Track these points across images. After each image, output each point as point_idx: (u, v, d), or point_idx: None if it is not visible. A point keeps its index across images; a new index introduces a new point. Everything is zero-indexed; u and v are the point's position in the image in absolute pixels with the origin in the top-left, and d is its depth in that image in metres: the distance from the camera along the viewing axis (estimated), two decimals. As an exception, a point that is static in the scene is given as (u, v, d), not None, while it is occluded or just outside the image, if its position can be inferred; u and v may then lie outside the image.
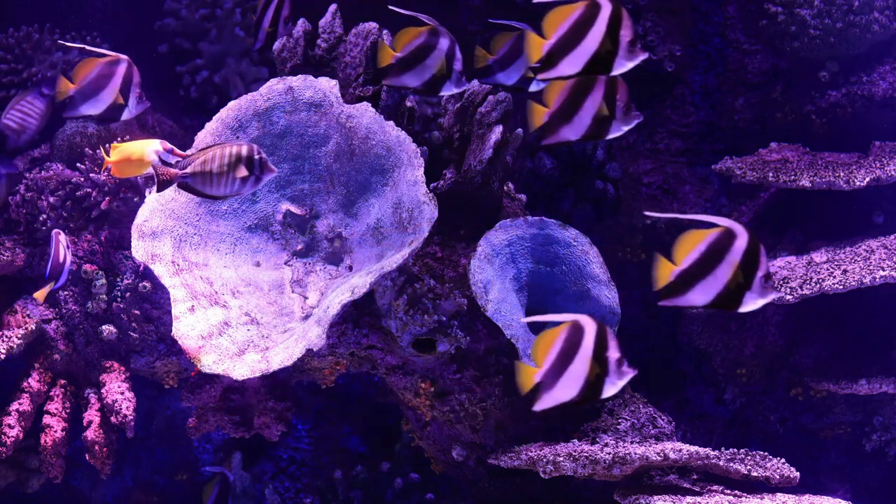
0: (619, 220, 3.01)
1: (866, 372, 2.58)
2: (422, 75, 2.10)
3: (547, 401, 1.71)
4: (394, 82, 2.11)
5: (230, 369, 2.14)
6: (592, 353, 1.69)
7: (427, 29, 2.10)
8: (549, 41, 1.83)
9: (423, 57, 2.10)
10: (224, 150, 2.01)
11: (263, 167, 2.03)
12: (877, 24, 2.82)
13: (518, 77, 2.15)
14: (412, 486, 2.61)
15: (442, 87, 2.12)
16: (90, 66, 2.18)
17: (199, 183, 2.03)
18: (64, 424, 2.53)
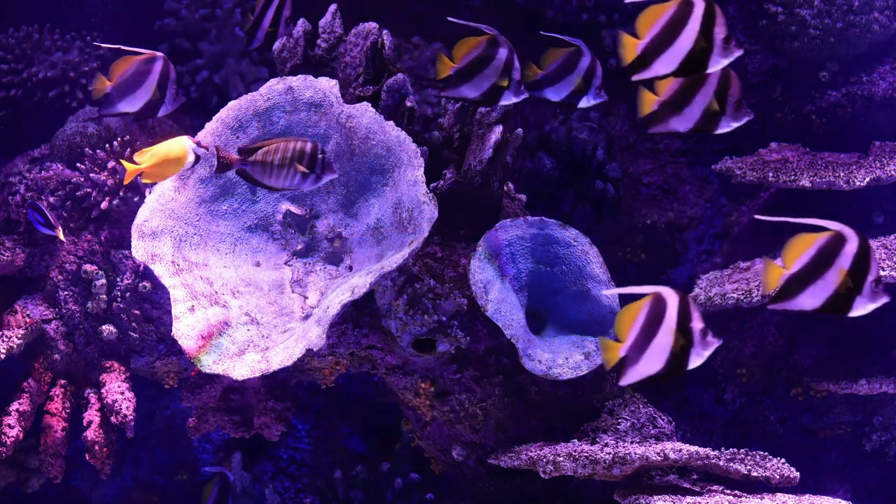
0: (619, 220, 3.01)
1: (866, 372, 2.58)
2: (480, 86, 2.10)
3: (633, 375, 1.70)
4: (452, 94, 2.11)
5: (230, 369, 2.14)
6: (676, 325, 1.67)
7: (486, 39, 2.09)
8: (643, 41, 1.82)
9: (482, 67, 2.09)
10: (289, 144, 2.03)
11: (325, 167, 2.05)
12: (877, 24, 2.82)
13: (567, 93, 2.15)
14: (412, 486, 2.61)
15: (501, 97, 2.11)
16: (127, 63, 2.20)
17: (258, 172, 2.05)
18: (64, 424, 2.53)
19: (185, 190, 2.33)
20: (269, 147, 2.04)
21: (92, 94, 2.25)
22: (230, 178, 2.35)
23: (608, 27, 3.00)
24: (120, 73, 2.20)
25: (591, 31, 3.06)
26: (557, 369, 2.29)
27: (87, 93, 2.88)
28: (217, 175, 2.33)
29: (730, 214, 3.06)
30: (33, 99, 2.86)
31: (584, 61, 2.13)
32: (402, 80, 2.37)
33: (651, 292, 1.69)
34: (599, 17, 2.99)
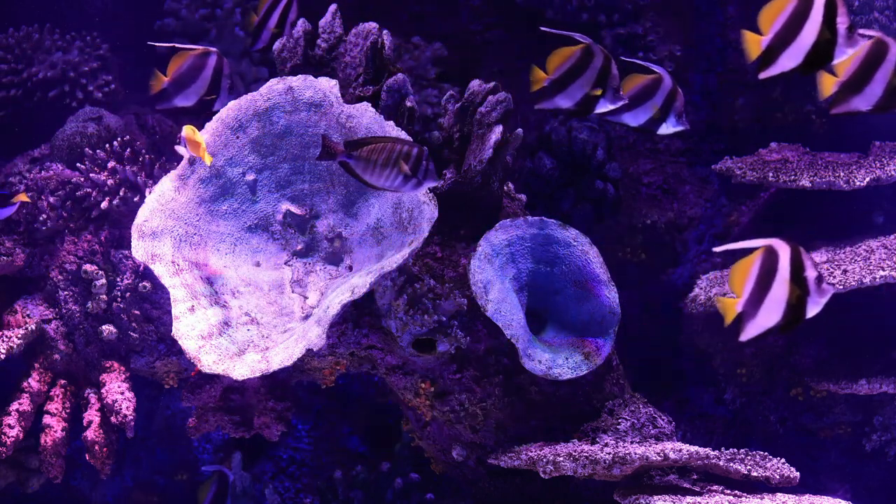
0: (619, 220, 3.01)
1: (866, 372, 2.58)
2: (574, 95, 2.11)
3: (752, 329, 1.70)
4: (546, 105, 2.12)
5: (230, 369, 2.14)
6: (790, 275, 1.67)
7: (580, 48, 2.09)
8: (767, 37, 1.83)
9: (576, 76, 2.09)
10: (395, 145, 2.05)
11: (427, 174, 2.06)
12: (877, 25, 2.82)
13: (646, 119, 2.16)
14: (412, 486, 2.61)
15: (596, 106, 2.11)
16: (182, 59, 2.27)
17: (361, 168, 2.07)
18: (64, 424, 2.53)
19: (185, 190, 2.33)
20: (376, 145, 2.05)
21: (150, 90, 2.30)
22: (230, 178, 2.35)
23: (608, 27, 3.01)
24: (175, 69, 2.27)
25: (590, 31, 3.06)
26: (557, 369, 2.29)
27: (87, 93, 2.88)
28: (217, 176, 2.33)
29: (730, 214, 3.06)
30: (33, 99, 2.86)
31: (665, 88, 2.15)
32: (402, 80, 2.37)
33: (762, 245, 1.68)
34: (599, 17, 2.99)
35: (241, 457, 2.76)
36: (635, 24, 3.00)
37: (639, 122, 2.17)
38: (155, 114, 2.91)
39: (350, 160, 2.06)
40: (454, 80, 3.04)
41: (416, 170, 2.05)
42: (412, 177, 2.05)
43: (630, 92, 2.16)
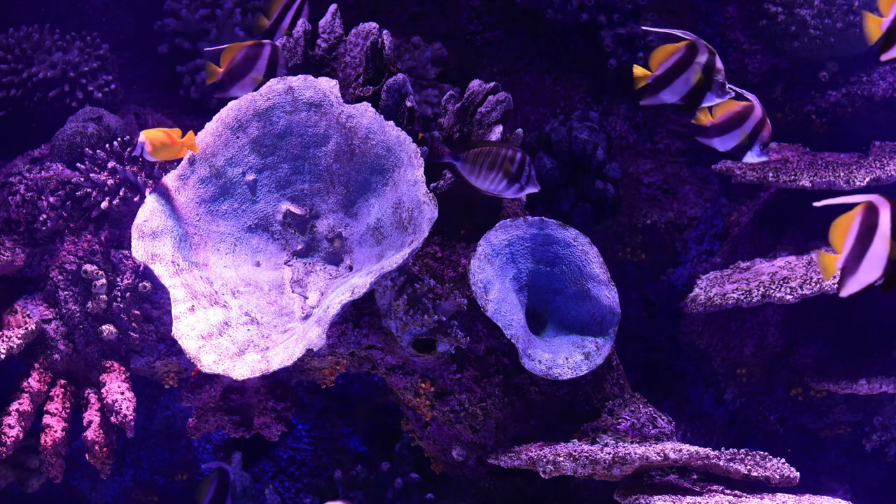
0: (619, 220, 3.01)
1: (866, 372, 2.58)
2: (681, 90, 2.13)
3: (852, 285, 1.70)
4: (651, 101, 2.14)
5: (230, 369, 2.14)
6: (891, 231, 1.67)
7: (685, 44, 2.11)
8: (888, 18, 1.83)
9: (681, 72, 2.11)
10: (500, 149, 2.10)
11: (530, 180, 2.11)
12: (877, 24, 2.81)
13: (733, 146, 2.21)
14: (412, 486, 2.61)
15: (703, 100, 2.13)
16: (236, 49, 2.32)
17: (467, 170, 2.11)
18: (64, 424, 2.53)
19: (185, 190, 2.33)
20: (481, 149, 2.10)
21: (206, 81, 2.33)
22: (230, 178, 2.35)
23: (608, 27, 3.01)
24: (230, 59, 2.31)
25: (590, 31, 3.06)
26: (557, 369, 2.29)
27: (87, 93, 2.88)
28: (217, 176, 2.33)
29: (730, 214, 3.06)
30: (33, 99, 2.86)
31: (755, 117, 2.18)
32: (402, 80, 2.37)
33: (862, 201, 1.68)
34: (599, 18, 2.99)
35: (241, 457, 2.76)
36: (635, 25, 3.00)
37: (726, 148, 2.21)
38: (155, 113, 2.91)
39: (457, 162, 2.11)
40: (454, 80, 3.04)
41: (520, 175, 2.10)
42: (515, 181, 2.10)
43: (721, 117, 2.19)
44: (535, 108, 3.12)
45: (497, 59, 3.15)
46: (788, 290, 2.47)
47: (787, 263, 2.64)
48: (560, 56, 3.13)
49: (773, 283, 2.51)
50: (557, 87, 3.13)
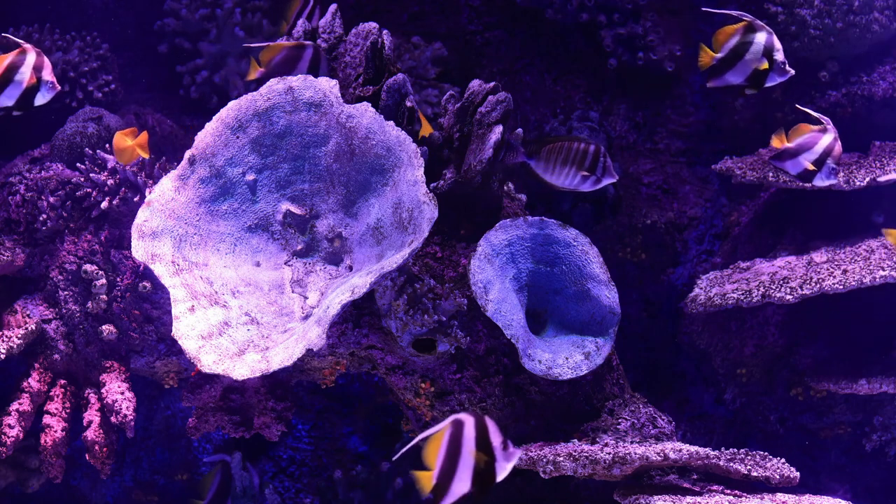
0: (619, 220, 3.01)
1: (866, 372, 2.58)
2: (744, 71, 2.16)
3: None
4: (717, 83, 2.18)
5: (230, 369, 2.14)
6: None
7: (743, 25, 2.15)
8: None
9: (742, 53, 2.15)
10: (572, 144, 2.09)
11: (605, 170, 2.10)
12: (877, 24, 2.82)
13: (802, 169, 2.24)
14: (412, 486, 2.61)
15: (766, 80, 2.17)
16: (277, 49, 2.31)
17: (542, 169, 2.11)
18: (64, 424, 2.53)
19: (185, 190, 2.33)
20: (553, 145, 2.09)
21: (244, 78, 2.33)
22: (230, 178, 2.35)
23: (608, 27, 3.01)
24: (270, 59, 2.31)
25: (590, 31, 3.06)
26: (557, 369, 2.29)
27: (87, 93, 2.88)
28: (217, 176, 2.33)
29: (730, 214, 3.06)
30: (33, 99, 2.85)
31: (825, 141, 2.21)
32: (402, 80, 2.37)
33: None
34: (599, 17, 2.99)
35: (241, 457, 2.76)
36: (635, 25, 3.00)
37: (797, 171, 2.24)
38: (155, 113, 2.91)
39: (531, 161, 2.11)
40: (454, 80, 3.04)
41: (594, 168, 2.10)
42: (591, 175, 2.10)
43: (795, 141, 2.23)
44: (535, 108, 3.13)
45: (497, 59, 3.15)
46: (788, 290, 2.47)
47: (787, 263, 2.64)
48: (560, 56, 3.13)
49: (773, 283, 2.51)
50: (557, 87, 3.13)
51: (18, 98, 2.20)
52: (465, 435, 1.74)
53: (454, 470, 1.74)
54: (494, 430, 1.76)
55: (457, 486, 1.75)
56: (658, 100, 3.10)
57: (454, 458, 1.74)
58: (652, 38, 3.00)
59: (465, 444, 1.74)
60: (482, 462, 1.74)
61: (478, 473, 1.74)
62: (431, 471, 1.75)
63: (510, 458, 1.77)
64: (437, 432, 1.74)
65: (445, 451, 1.74)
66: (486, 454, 1.74)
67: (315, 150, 2.36)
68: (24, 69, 2.19)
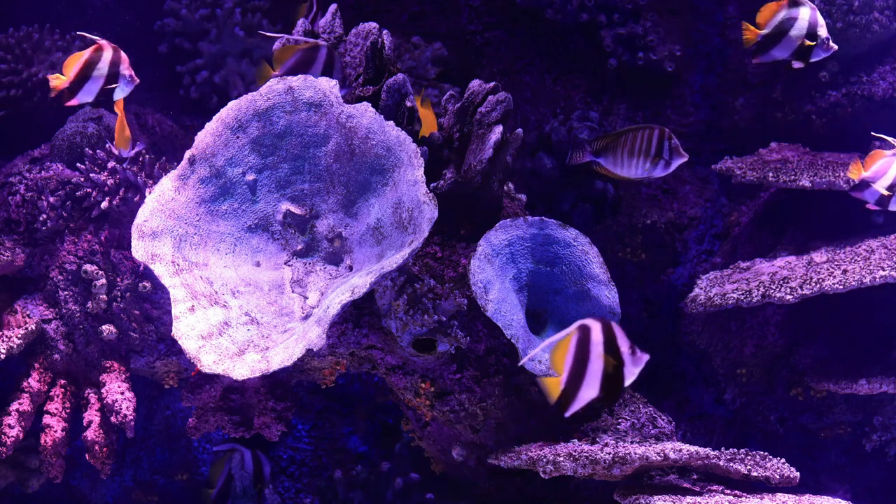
0: (619, 220, 3.01)
1: (866, 372, 2.58)
2: (789, 46, 2.21)
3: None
4: (763, 59, 2.23)
5: (230, 369, 2.14)
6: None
7: (786, 1, 2.19)
8: None
9: (787, 29, 2.20)
10: (636, 134, 2.09)
11: (673, 153, 2.09)
12: (877, 24, 2.82)
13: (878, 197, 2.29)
14: (412, 486, 2.61)
15: (811, 55, 2.22)
16: (290, 52, 2.31)
17: (612, 164, 2.11)
18: (64, 424, 2.53)
19: (185, 190, 2.33)
20: (617, 139, 2.09)
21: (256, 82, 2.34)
22: (230, 178, 2.35)
23: (608, 27, 3.01)
24: (284, 63, 2.30)
25: (590, 31, 3.06)
26: (557, 369, 2.29)
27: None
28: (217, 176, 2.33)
29: (730, 214, 3.06)
30: (33, 99, 2.86)
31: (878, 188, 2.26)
32: (402, 80, 2.37)
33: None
34: (599, 18, 2.99)
35: (241, 456, 2.76)
36: (635, 25, 3.00)
37: (874, 199, 2.29)
38: (155, 113, 2.91)
39: (600, 159, 2.10)
40: (454, 80, 3.04)
41: (661, 151, 2.09)
42: (660, 158, 2.09)
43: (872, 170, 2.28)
44: (535, 108, 3.12)
45: (497, 59, 3.15)
46: (788, 290, 2.47)
47: (787, 263, 2.64)
48: (560, 56, 3.13)
49: (773, 283, 2.51)
50: (557, 87, 3.13)
51: (98, 93, 2.27)
52: (593, 340, 1.72)
53: (582, 375, 1.72)
54: (621, 335, 1.73)
55: (585, 392, 1.73)
56: (658, 100, 3.10)
57: (582, 364, 1.72)
58: (652, 38, 3.00)
59: (593, 349, 1.72)
60: (610, 366, 1.71)
61: (606, 378, 1.72)
62: (559, 376, 1.73)
63: (638, 362, 1.74)
64: (564, 338, 1.71)
65: (573, 357, 1.72)
66: (615, 358, 1.72)
67: (315, 150, 2.36)
68: (102, 65, 2.24)
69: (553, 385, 1.73)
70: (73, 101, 2.30)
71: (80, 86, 2.27)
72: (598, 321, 1.72)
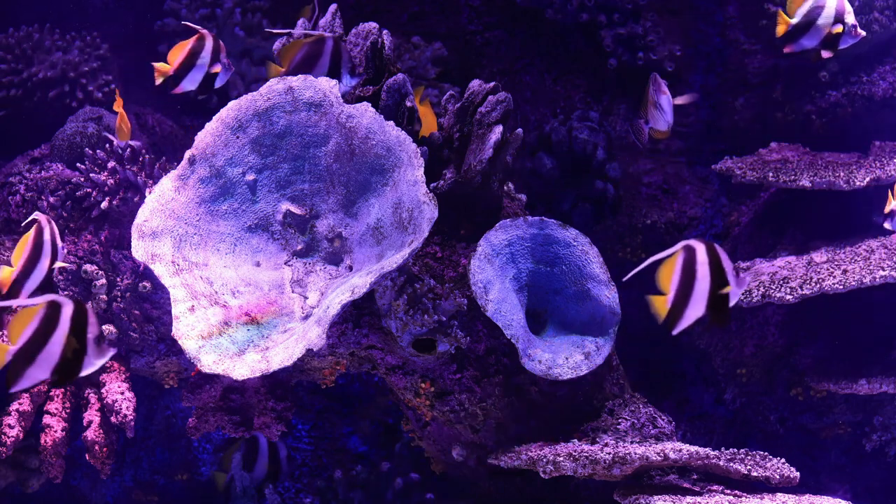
0: (619, 220, 3.02)
1: (866, 372, 2.58)
2: (818, 35, 2.26)
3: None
4: (793, 48, 2.27)
5: (230, 369, 2.14)
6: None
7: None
8: None
9: (815, 18, 2.25)
10: None
11: None
12: (877, 24, 2.82)
13: None
14: (412, 486, 2.61)
15: (840, 42, 2.27)
16: (297, 47, 2.30)
17: None
18: (64, 424, 2.53)
19: (185, 190, 2.33)
20: None
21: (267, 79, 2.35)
22: (230, 177, 2.35)
23: (608, 27, 3.01)
24: (291, 58, 2.30)
25: (590, 31, 3.06)
26: (557, 369, 2.29)
27: (87, 93, 2.88)
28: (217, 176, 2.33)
29: (730, 214, 3.06)
30: (33, 99, 2.86)
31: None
32: (402, 80, 2.37)
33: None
34: (599, 18, 2.99)
35: (241, 457, 2.76)
36: (635, 25, 3.00)
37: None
38: (155, 113, 2.92)
39: None
40: (454, 80, 3.04)
41: None
42: None
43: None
44: (535, 108, 3.13)
45: (497, 59, 3.15)
46: (788, 290, 2.47)
47: (787, 263, 2.64)
48: (560, 56, 3.13)
49: (773, 283, 2.51)
50: (557, 87, 3.13)
51: (201, 81, 2.32)
52: (699, 260, 1.74)
53: (689, 294, 1.74)
54: (725, 256, 1.75)
55: (691, 311, 1.75)
56: (658, 100, 3.10)
57: (689, 283, 1.74)
58: (652, 38, 3.00)
59: (700, 269, 1.73)
60: (717, 286, 1.73)
61: (713, 297, 1.73)
62: (665, 295, 1.75)
63: (741, 284, 1.76)
64: (669, 257, 1.73)
65: (680, 276, 1.74)
66: (721, 278, 1.73)
67: (315, 150, 2.36)
68: (205, 54, 2.29)
69: (660, 304, 1.76)
70: (177, 90, 2.34)
71: (184, 73, 2.32)
72: (702, 242, 1.74)
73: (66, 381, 1.70)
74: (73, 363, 1.68)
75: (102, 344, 1.68)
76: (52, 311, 1.66)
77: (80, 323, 1.67)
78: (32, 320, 1.66)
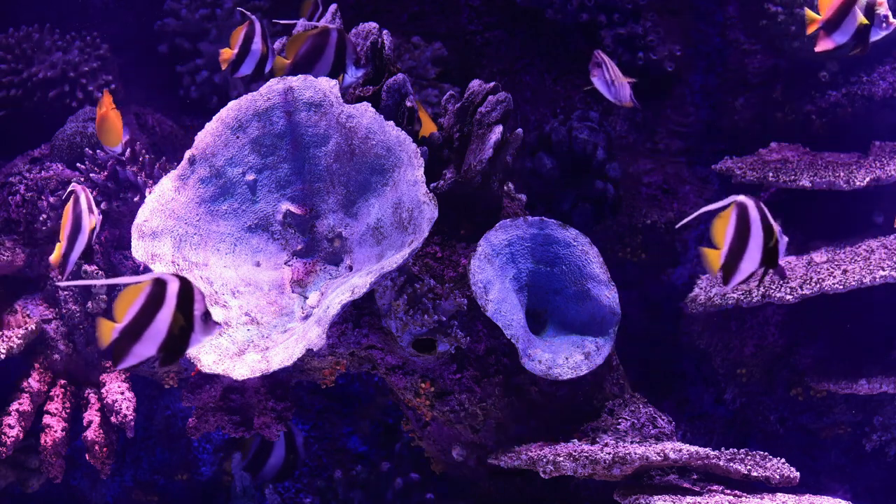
0: (619, 220, 3.02)
1: (866, 372, 2.58)
2: (849, 29, 2.24)
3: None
4: (826, 45, 2.26)
5: (230, 369, 2.14)
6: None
7: None
8: None
9: (846, 13, 2.23)
10: None
11: None
12: (877, 24, 2.81)
13: None
14: (412, 486, 2.61)
15: (870, 35, 2.26)
16: (301, 40, 2.30)
17: None
18: (64, 424, 2.53)
19: (185, 190, 2.33)
20: None
21: (273, 74, 2.34)
22: (230, 178, 2.35)
23: (608, 27, 3.01)
24: (296, 50, 2.30)
25: (590, 31, 3.06)
26: (557, 369, 2.29)
27: (87, 93, 2.88)
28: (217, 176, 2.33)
29: (730, 214, 3.06)
30: (33, 99, 2.86)
31: None
32: (402, 80, 2.37)
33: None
34: (599, 18, 2.99)
35: (241, 456, 2.76)
36: (635, 25, 3.00)
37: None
38: (155, 113, 2.92)
39: None
40: (454, 80, 3.04)
41: None
42: None
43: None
44: (535, 108, 3.13)
45: (497, 59, 3.15)
46: (788, 290, 2.47)
47: (787, 263, 2.64)
48: (560, 56, 3.13)
49: (773, 283, 2.51)
50: (557, 87, 3.13)
51: (255, 66, 2.34)
52: (752, 215, 1.77)
53: (743, 248, 1.77)
54: (770, 213, 1.79)
55: (745, 264, 1.79)
56: (658, 100, 3.10)
57: (743, 237, 1.77)
58: (652, 38, 3.00)
59: (753, 224, 1.77)
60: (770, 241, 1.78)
61: (767, 251, 1.78)
62: (719, 249, 1.78)
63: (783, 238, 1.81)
64: (722, 209, 1.77)
65: (734, 230, 1.77)
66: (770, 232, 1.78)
67: (315, 150, 2.36)
68: (258, 39, 2.32)
69: (714, 257, 1.79)
70: (237, 74, 2.37)
71: (242, 59, 2.34)
72: (751, 198, 1.78)
73: (173, 359, 1.70)
74: (180, 340, 1.67)
75: (209, 321, 1.67)
76: (158, 287, 1.65)
77: (187, 299, 1.66)
78: (138, 297, 1.66)
